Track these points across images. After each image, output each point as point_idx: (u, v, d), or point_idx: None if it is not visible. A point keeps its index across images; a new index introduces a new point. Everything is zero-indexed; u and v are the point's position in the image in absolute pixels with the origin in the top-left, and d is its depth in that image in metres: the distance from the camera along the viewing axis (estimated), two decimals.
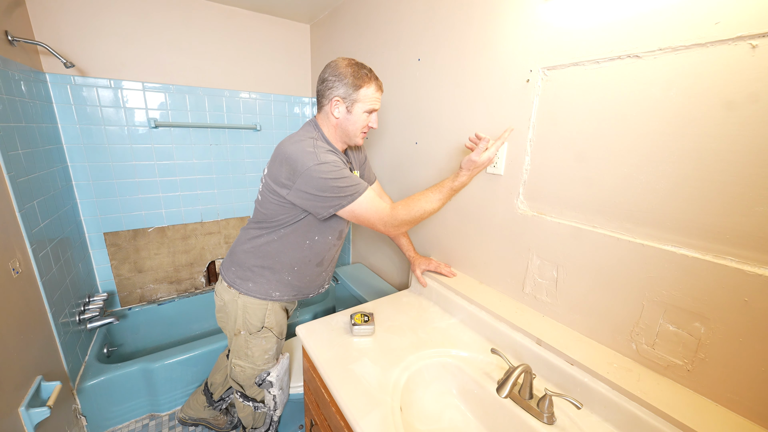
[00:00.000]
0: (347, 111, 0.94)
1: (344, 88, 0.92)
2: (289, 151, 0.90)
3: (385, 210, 0.93)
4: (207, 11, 1.78)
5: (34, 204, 1.20)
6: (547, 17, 0.80)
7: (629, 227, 0.71)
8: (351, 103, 0.93)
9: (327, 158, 0.89)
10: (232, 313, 1.10)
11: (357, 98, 0.93)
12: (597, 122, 0.73)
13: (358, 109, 0.94)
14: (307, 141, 0.92)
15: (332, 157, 0.90)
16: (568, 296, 0.83)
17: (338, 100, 0.93)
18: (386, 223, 0.93)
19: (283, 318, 1.15)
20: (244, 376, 1.15)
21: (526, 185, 0.91)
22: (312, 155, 0.88)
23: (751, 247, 0.56)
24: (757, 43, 0.52)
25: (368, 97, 0.93)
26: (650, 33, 0.63)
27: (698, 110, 0.59)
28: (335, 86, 0.92)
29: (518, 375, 0.68)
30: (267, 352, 1.12)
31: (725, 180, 0.57)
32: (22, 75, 1.26)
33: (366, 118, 0.96)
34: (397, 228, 0.94)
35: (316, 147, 0.90)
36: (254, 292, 1.07)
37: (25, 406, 0.96)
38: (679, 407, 0.61)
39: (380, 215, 0.93)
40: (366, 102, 0.93)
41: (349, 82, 0.91)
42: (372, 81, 0.93)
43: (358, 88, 0.92)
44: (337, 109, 0.94)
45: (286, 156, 0.90)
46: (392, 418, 0.69)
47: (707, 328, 0.61)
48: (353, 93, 0.92)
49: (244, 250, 1.08)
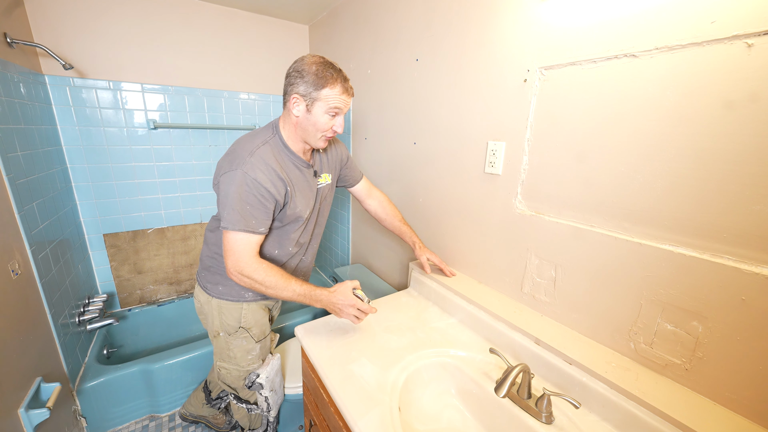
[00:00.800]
0: (307, 110, 0.87)
1: (305, 86, 0.85)
2: (234, 146, 0.91)
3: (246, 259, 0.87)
4: (206, 12, 1.79)
5: (34, 206, 1.20)
6: (544, 17, 0.80)
7: (627, 226, 0.71)
8: (311, 102, 0.86)
9: (251, 172, 0.84)
10: (209, 315, 1.09)
11: (317, 97, 0.85)
12: (594, 122, 0.73)
13: (318, 109, 0.86)
14: (253, 143, 0.89)
15: (260, 175, 0.85)
16: (566, 296, 0.83)
17: (297, 97, 0.86)
18: (234, 269, 0.87)
19: (262, 317, 1.12)
20: (231, 377, 1.15)
21: (524, 185, 0.91)
22: (242, 160, 0.85)
23: (749, 245, 0.56)
24: (753, 42, 0.52)
25: (330, 97, 0.86)
26: (647, 32, 0.63)
27: (695, 109, 0.59)
28: (296, 83, 0.85)
29: (516, 374, 0.68)
30: (249, 352, 1.11)
31: (722, 179, 0.57)
32: (21, 77, 1.27)
33: (328, 121, 0.88)
34: (237, 279, 0.88)
35: (254, 154, 0.86)
36: (226, 295, 1.05)
37: (25, 408, 0.96)
38: (677, 406, 0.61)
39: (237, 260, 0.86)
40: (328, 103, 0.86)
41: (311, 80, 0.84)
42: (338, 82, 0.85)
43: (320, 88, 0.84)
44: (296, 107, 0.88)
45: (231, 150, 0.91)
46: (391, 418, 0.69)
47: (705, 327, 0.61)
48: (314, 91, 0.85)
49: (210, 254, 1.07)
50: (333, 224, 2.14)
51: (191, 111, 1.85)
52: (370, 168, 1.65)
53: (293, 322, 1.77)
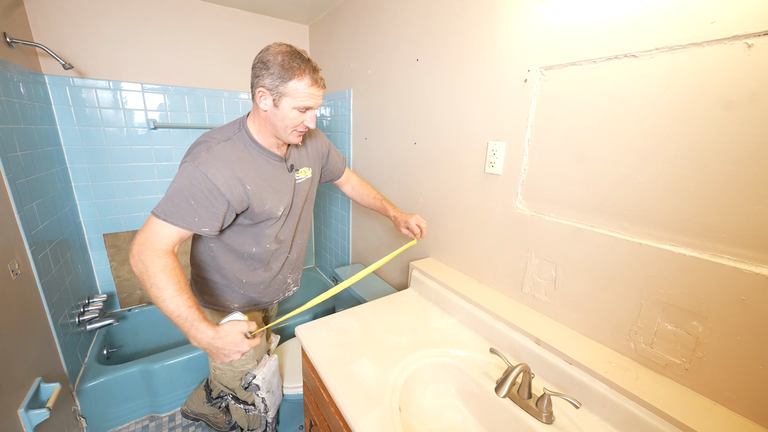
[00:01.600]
0: (274, 105, 0.82)
1: (270, 79, 0.79)
2: (199, 138, 0.88)
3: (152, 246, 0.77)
4: (206, 12, 1.78)
5: (33, 206, 1.20)
6: (544, 17, 0.80)
7: (627, 226, 0.71)
8: (278, 96, 0.80)
9: (203, 166, 0.80)
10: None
11: (285, 91, 0.80)
12: (595, 122, 0.73)
13: (286, 104, 0.81)
14: (213, 139, 0.85)
15: (212, 170, 0.80)
16: (566, 296, 0.84)
17: (263, 90, 0.81)
18: (138, 249, 0.77)
19: (255, 316, 1.13)
20: (225, 378, 1.14)
21: (525, 185, 0.91)
22: (199, 153, 0.81)
23: (749, 245, 0.56)
24: (753, 42, 0.52)
25: (299, 92, 0.80)
26: (647, 32, 0.63)
27: (695, 109, 0.59)
28: (261, 74, 0.80)
29: (517, 374, 0.68)
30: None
31: (722, 179, 0.57)
32: (21, 76, 1.27)
33: (297, 116, 0.83)
34: (133, 261, 0.78)
35: (211, 149, 0.82)
36: (213, 305, 1.05)
37: (25, 408, 0.96)
38: (677, 406, 0.61)
39: (144, 240, 0.78)
40: (296, 98, 0.80)
41: (276, 72, 0.78)
42: (306, 73, 0.79)
43: (287, 81, 0.78)
44: (263, 100, 0.82)
45: (194, 142, 0.88)
46: (391, 418, 0.69)
47: (705, 327, 0.61)
48: (280, 85, 0.79)
49: (195, 264, 1.05)
50: (333, 224, 2.14)
51: (191, 111, 1.85)
52: (370, 168, 1.65)
53: (293, 322, 1.77)
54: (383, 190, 1.55)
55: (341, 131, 1.84)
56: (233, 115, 1.97)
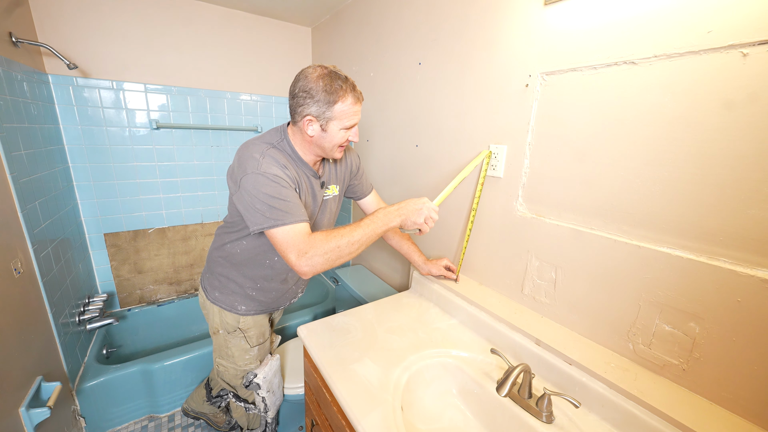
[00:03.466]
0: (321, 129, 0.85)
1: (316, 106, 0.81)
2: (242, 150, 0.87)
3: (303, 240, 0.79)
4: (209, 14, 1.80)
5: (36, 204, 1.21)
6: (546, 24, 0.82)
7: (626, 229, 0.72)
8: (325, 122, 0.83)
9: (268, 170, 0.81)
10: (210, 312, 1.11)
11: (332, 116, 0.83)
12: (594, 126, 0.75)
13: (333, 127, 0.84)
14: (261, 146, 0.86)
15: (275, 170, 0.82)
16: (566, 297, 0.85)
17: (311, 119, 0.83)
18: (300, 262, 0.77)
19: (262, 320, 1.14)
20: (228, 375, 1.16)
21: (525, 188, 0.92)
22: (255, 162, 0.81)
23: (744, 248, 0.57)
24: (748, 52, 0.54)
25: (345, 113, 0.83)
26: (646, 40, 0.65)
27: (692, 116, 0.61)
28: (306, 104, 0.82)
29: (517, 374, 0.69)
30: (247, 352, 1.12)
31: (719, 183, 0.59)
32: (25, 76, 1.27)
33: (344, 134, 0.87)
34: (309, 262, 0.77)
35: (264, 155, 0.83)
36: (220, 302, 1.07)
37: (26, 407, 0.96)
38: (675, 406, 0.62)
39: (296, 244, 0.78)
40: (343, 119, 0.84)
41: (322, 98, 0.81)
42: (348, 93, 0.82)
43: (332, 104, 0.81)
44: (310, 127, 0.85)
45: (239, 154, 0.87)
46: (393, 418, 0.70)
47: (702, 328, 0.63)
48: (327, 110, 0.82)
49: (214, 257, 1.07)
50: None
51: (193, 111, 1.86)
52: (372, 170, 1.66)
53: (294, 322, 1.77)
54: (385, 192, 1.56)
55: None
56: (235, 116, 1.98)
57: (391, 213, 0.83)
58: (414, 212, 0.82)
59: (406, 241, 1.20)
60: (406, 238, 1.20)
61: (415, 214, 0.82)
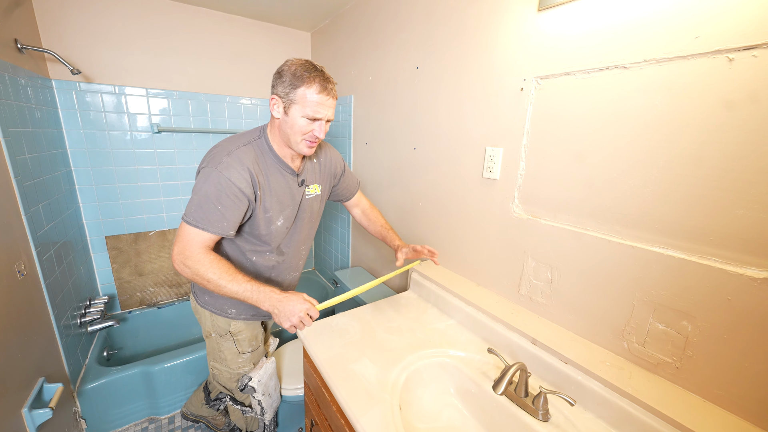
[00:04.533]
0: (284, 112, 0.86)
1: (282, 86, 0.84)
2: (219, 143, 0.91)
3: (193, 250, 0.83)
4: (210, 19, 1.82)
5: (39, 207, 1.22)
6: (540, 29, 0.83)
7: (620, 230, 0.74)
8: (288, 104, 0.84)
9: (225, 172, 0.83)
10: (202, 316, 1.10)
11: (294, 99, 0.83)
12: (588, 129, 0.77)
13: (295, 112, 0.84)
14: (234, 144, 0.88)
15: (235, 174, 0.84)
16: (562, 297, 0.86)
17: (276, 98, 0.86)
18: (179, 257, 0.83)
19: (253, 325, 1.13)
20: (223, 378, 1.16)
21: (521, 189, 0.94)
22: (219, 159, 0.84)
23: (733, 248, 0.58)
24: (734, 57, 0.55)
25: (306, 100, 0.82)
26: (636, 45, 0.67)
27: (682, 118, 0.62)
28: (276, 83, 0.85)
29: (513, 373, 0.70)
30: (240, 355, 1.12)
31: (708, 185, 0.60)
32: (30, 81, 1.29)
33: (306, 125, 0.85)
34: (179, 268, 0.84)
35: (231, 154, 0.86)
36: (211, 306, 1.06)
37: (28, 408, 0.97)
38: (668, 403, 0.63)
39: (182, 248, 0.83)
40: (305, 106, 0.83)
41: (288, 80, 0.83)
42: (315, 81, 0.82)
43: (296, 87, 0.82)
44: (275, 108, 0.87)
45: (213, 147, 0.91)
46: (392, 417, 0.71)
47: (694, 326, 0.64)
48: (290, 92, 0.83)
49: None
50: (333, 228, 2.16)
51: (194, 115, 1.88)
52: (371, 172, 1.67)
53: None
54: (383, 195, 1.58)
55: (342, 136, 1.88)
56: (235, 120, 2.00)
57: (267, 300, 0.81)
58: (288, 313, 0.80)
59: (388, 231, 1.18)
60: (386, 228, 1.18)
61: (288, 315, 0.80)
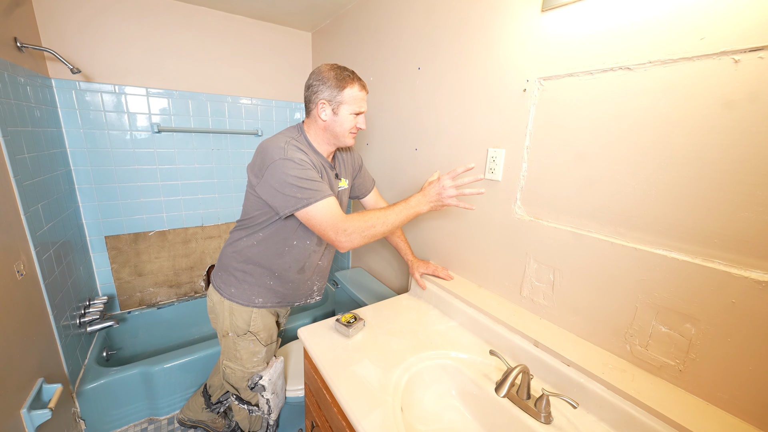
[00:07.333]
0: (333, 113, 0.96)
1: (328, 91, 0.94)
2: (264, 144, 0.94)
3: (340, 217, 0.89)
4: (211, 19, 1.82)
5: (39, 207, 1.22)
6: (543, 30, 0.83)
7: (623, 232, 0.73)
8: (337, 105, 0.95)
9: (294, 155, 0.89)
10: (220, 315, 1.12)
11: (342, 100, 0.95)
12: (591, 131, 0.76)
13: (344, 110, 0.96)
14: (283, 138, 0.94)
15: (300, 155, 0.91)
16: (564, 299, 0.86)
17: (324, 102, 0.95)
18: (339, 236, 0.88)
19: (271, 321, 1.16)
20: (235, 378, 1.17)
21: (524, 191, 0.93)
22: (280, 150, 0.90)
23: (737, 250, 0.58)
24: (739, 58, 0.55)
25: (353, 97, 0.95)
26: (641, 46, 0.66)
27: (687, 120, 0.62)
28: (320, 90, 0.95)
29: (516, 375, 0.70)
30: (255, 354, 1.13)
31: (713, 186, 0.60)
32: (29, 80, 1.29)
33: (353, 119, 0.98)
34: (348, 239, 0.89)
35: (288, 144, 0.92)
36: (237, 298, 1.08)
37: (27, 408, 0.96)
38: (671, 406, 0.63)
39: (334, 222, 0.88)
40: (351, 103, 0.95)
41: (333, 84, 0.93)
42: (355, 81, 0.95)
43: (342, 89, 0.94)
44: (323, 111, 0.96)
45: (261, 149, 0.94)
46: (393, 419, 0.71)
47: (697, 329, 0.64)
48: (338, 95, 0.94)
49: (228, 253, 1.10)
50: None
51: (194, 115, 1.87)
52: (372, 173, 1.67)
53: (295, 324, 1.77)
54: (384, 196, 1.57)
55: None
56: (236, 119, 2.00)
57: (417, 204, 0.93)
58: (436, 197, 0.92)
59: (402, 240, 1.27)
60: (402, 238, 1.27)
61: (439, 197, 0.91)
